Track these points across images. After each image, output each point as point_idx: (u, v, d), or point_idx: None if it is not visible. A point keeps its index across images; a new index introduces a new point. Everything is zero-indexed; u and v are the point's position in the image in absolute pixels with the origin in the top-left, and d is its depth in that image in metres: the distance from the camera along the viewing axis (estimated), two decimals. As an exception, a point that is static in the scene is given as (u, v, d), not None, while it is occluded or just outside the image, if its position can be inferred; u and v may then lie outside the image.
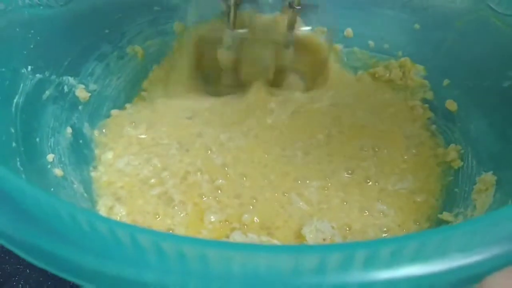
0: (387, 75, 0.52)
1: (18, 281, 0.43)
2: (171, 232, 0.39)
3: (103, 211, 0.40)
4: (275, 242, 0.38)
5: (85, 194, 0.40)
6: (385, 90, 0.51)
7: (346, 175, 0.43)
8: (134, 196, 0.41)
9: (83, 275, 0.21)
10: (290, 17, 0.47)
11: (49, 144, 0.40)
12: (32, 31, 0.39)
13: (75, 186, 0.39)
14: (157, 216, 0.40)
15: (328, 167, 0.44)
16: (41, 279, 0.43)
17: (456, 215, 0.39)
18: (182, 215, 0.40)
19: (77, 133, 0.43)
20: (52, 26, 0.41)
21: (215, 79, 0.52)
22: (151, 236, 0.22)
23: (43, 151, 0.38)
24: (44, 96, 0.40)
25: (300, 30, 0.50)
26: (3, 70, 0.36)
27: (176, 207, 0.40)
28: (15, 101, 0.37)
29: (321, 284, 0.21)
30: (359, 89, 0.52)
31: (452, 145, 0.45)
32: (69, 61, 0.43)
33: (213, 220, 0.39)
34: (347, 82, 0.52)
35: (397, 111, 0.49)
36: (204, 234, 0.38)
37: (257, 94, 0.49)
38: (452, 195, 0.42)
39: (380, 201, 0.42)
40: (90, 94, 0.45)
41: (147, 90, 0.51)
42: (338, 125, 0.47)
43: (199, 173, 0.43)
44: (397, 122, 0.49)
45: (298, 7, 0.45)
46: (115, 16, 0.47)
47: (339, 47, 0.53)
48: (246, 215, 0.40)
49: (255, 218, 0.40)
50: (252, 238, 0.38)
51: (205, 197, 0.41)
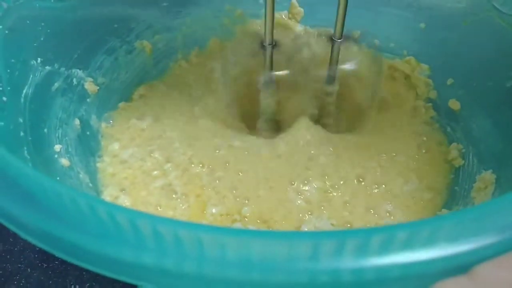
0: (392, 74, 0.52)
1: (19, 280, 0.44)
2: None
3: (108, 200, 0.40)
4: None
5: (90, 184, 0.41)
6: (389, 89, 0.52)
7: (351, 174, 0.44)
8: (137, 187, 0.42)
9: (81, 256, 0.22)
10: (331, 51, 0.44)
11: (57, 135, 0.40)
12: (43, 24, 0.40)
13: (81, 176, 0.40)
14: (159, 208, 0.40)
15: (333, 167, 0.44)
16: (42, 278, 0.44)
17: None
18: (184, 207, 0.40)
19: (85, 125, 0.44)
20: (62, 19, 0.42)
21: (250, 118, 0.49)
22: (148, 220, 0.22)
23: (50, 141, 0.39)
24: (53, 88, 0.41)
25: (344, 65, 0.46)
26: (13, 61, 0.37)
27: (178, 199, 0.41)
28: (24, 91, 0.37)
29: (314, 270, 0.21)
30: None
31: (454, 144, 0.45)
32: (78, 54, 0.44)
33: (214, 212, 0.40)
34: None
35: (401, 109, 0.50)
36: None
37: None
38: (452, 193, 0.42)
39: (386, 200, 0.42)
40: (98, 87, 0.46)
41: (156, 85, 0.52)
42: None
43: (200, 166, 0.43)
44: (401, 120, 0.49)
45: (339, 40, 0.43)
46: (124, 11, 0.48)
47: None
48: (246, 208, 0.40)
49: (255, 212, 0.40)
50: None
51: (205, 188, 0.42)
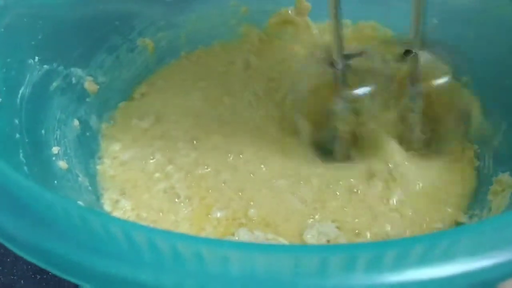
0: None
1: None
2: (175, 227, 0.38)
3: (108, 204, 0.39)
4: (281, 240, 0.37)
5: (89, 188, 0.39)
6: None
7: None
8: (139, 190, 0.40)
9: (74, 272, 0.21)
10: (411, 66, 0.39)
11: (55, 136, 0.39)
12: (41, 22, 0.39)
13: (80, 179, 0.39)
14: (162, 211, 0.39)
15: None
16: None
17: (471, 217, 0.38)
18: (186, 211, 0.39)
19: (84, 126, 0.43)
20: (61, 17, 0.41)
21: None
22: (145, 233, 0.21)
23: (48, 143, 0.38)
24: (51, 88, 0.40)
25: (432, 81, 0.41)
26: (9, 60, 0.36)
27: (181, 203, 0.39)
28: (20, 91, 0.36)
29: (322, 286, 0.20)
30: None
31: (469, 145, 0.44)
32: (78, 53, 0.43)
33: (219, 216, 0.39)
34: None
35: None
36: (209, 231, 0.38)
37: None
38: (468, 196, 0.41)
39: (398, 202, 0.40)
40: (98, 87, 0.45)
41: (157, 83, 0.50)
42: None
43: (205, 167, 0.42)
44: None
45: (419, 51, 0.38)
46: (125, 7, 0.46)
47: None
48: (252, 210, 0.39)
49: (260, 215, 0.39)
50: (258, 236, 0.37)
51: (211, 191, 0.40)
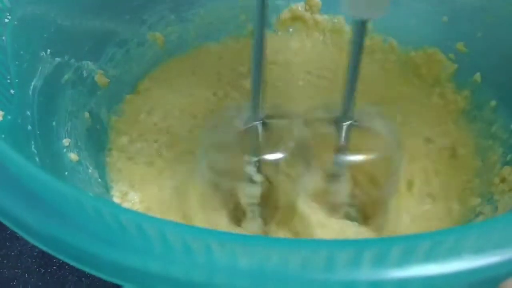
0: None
1: (16, 285, 0.43)
2: (187, 220, 0.38)
3: (117, 196, 0.39)
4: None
5: (99, 180, 0.40)
6: (412, 83, 0.50)
7: None
8: (148, 183, 0.41)
9: (84, 260, 0.21)
10: (337, 137, 0.35)
11: (66, 128, 0.39)
12: (53, 15, 0.39)
13: (90, 171, 0.39)
14: (171, 204, 0.39)
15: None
16: (39, 283, 0.43)
17: (477, 215, 0.38)
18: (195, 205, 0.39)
19: (95, 118, 0.43)
20: (72, 10, 0.41)
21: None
22: (156, 225, 0.21)
23: (59, 135, 0.38)
24: (63, 80, 0.40)
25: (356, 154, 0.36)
26: (21, 53, 0.36)
27: (190, 196, 0.40)
28: (32, 84, 0.36)
29: (329, 281, 0.20)
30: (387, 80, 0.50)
31: (478, 140, 0.44)
32: (89, 46, 0.43)
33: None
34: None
35: (422, 104, 0.48)
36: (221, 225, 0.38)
37: None
38: (475, 194, 0.41)
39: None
40: (109, 80, 0.45)
41: (164, 78, 0.50)
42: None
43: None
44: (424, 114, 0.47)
45: (348, 123, 0.34)
46: (136, 2, 0.47)
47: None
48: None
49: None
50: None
51: None
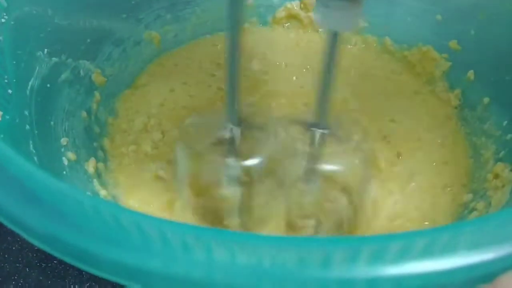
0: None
1: (17, 280, 0.43)
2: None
3: (114, 196, 0.39)
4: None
5: (97, 179, 0.40)
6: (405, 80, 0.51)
7: None
8: (145, 183, 0.41)
9: (84, 259, 0.21)
10: (312, 144, 0.35)
11: (64, 127, 0.39)
12: (50, 15, 0.39)
13: (88, 170, 0.39)
14: (168, 206, 0.40)
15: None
16: (41, 278, 0.43)
17: (471, 211, 0.38)
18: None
19: (92, 117, 0.43)
20: (69, 10, 0.41)
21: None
22: (156, 224, 0.21)
23: (57, 134, 0.38)
24: (60, 80, 0.40)
25: (329, 163, 0.36)
26: (19, 52, 0.36)
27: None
28: (30, 83, 0.36)
29: (326, 279, 0.20)
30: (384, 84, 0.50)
31: (470, 137, 0.44)
32: (86, 45, 0.43)
33: None
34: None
35: (415, 101, 0.49)
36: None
37: None
38: (468, 190, 0.41)
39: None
40: (106, 79, 0.45)
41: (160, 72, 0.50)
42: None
43: None
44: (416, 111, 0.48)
45: (324, 131, 0.34)
46: (132, 1, 0.47)
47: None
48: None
49: None
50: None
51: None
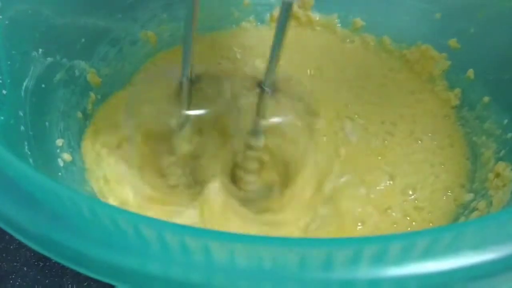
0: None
1: (15, 279, 0.43)
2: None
3: (110, 196, 0.39)
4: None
5: (92, 180, 0.39)
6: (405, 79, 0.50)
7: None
8: (142, 184, 0.40)
9: (81, 262, 0.21)
10: (258, 100, 0.37)
11: (59, 128, 0.39)
12: (44, 14, 0.39)
13: (83, 171, 0.39)
14: (166, 205, 0.39)
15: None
16: (38, 277, 0.43)
17: (472, 211, 0.38)
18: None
19: (87, 118, 0.43)
20: (64, 9, 0.41)
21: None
22: (154, 226, 0.21)
23: (52, 135, 0.38)
24: (55, 80, 0.40)
25: (272, 118, 0.38)
26: (13, 53, 0.35)
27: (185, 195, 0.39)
28: (25, 84, 0.36)
29: (327, 280, 0.20)
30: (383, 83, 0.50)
31: (470, 137, 0.44)
32: (81, 45, 0.43)
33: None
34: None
35: (414, 100, 0.48)
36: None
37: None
38: (469, 190, 0.41)
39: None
40: (101, 79, 0.45)
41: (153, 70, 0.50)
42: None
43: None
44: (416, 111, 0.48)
45: (267, 89, 0.36)
46: (128, 1, 0.46)
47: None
48: None
49: None
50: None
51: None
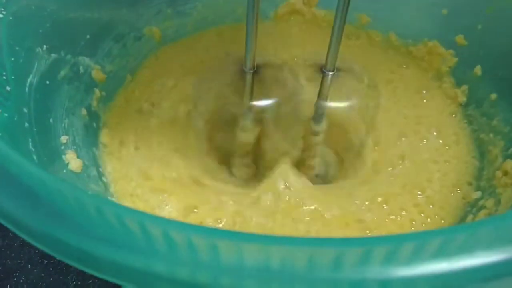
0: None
1: (19, 276, 0.43)
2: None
3: (115, 194, 0.39)
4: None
5: (98, 177, 0.39)
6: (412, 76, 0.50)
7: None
8: (145, 181, 0.40)
9: (85, 261, 0.21)
10: (321, 84, 0.39)
11: (63, 125, 0.39)
12: (48, 10, 0.38)
13: (88, 168, 0.39)
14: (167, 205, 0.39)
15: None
16: (42, 274, 0.43)
17: (480, 209, 0.38)
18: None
19: (92, 115, 0.43)
20: (68, 5, 0.41)
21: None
22: (160, 224, 0.21)
23: (56, 132, 0.38)
24: (59, 77, 0.40)
25: (333, 102, 0.41)
26: (17, 49, 0.35)
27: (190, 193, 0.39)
28: (29, 80, 0.36)
29: (337, 280, 0.20)
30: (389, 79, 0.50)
31: (478, 134, 0.44)
32: (85, 41, 0.43)
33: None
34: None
35: (421, 97, 0.48)
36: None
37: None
38: (477, 188, 0.41)
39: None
40: (106, 76, 0.45)
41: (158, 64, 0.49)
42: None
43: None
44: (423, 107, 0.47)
45: (330, 72, 0.38)
46: (132, -4, 0.46)
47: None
48: None
49: None
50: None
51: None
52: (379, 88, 0.45)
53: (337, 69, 0.39)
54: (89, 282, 0.42)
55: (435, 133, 0.45)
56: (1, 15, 0.34)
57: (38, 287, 0.43)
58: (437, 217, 0.39)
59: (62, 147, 0.38)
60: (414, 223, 0.38)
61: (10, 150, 0.25)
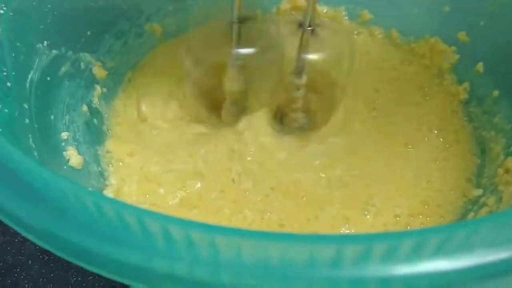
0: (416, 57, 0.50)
1: (19, 272, 0.43)
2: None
3: (115, 190, 0.39)
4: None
5: (98, 173, 0.39)
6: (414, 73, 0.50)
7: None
8: (145, 178, 0.40)
9: (85, 258, 0.21)
10: (300, 39, 0.40)
11: (64, 121, 0.39)
12: (49, 6, 0.38)
13: (88, 165, 0.39)
14: (170, 201, 0.39)
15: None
16: (43, 270, 0.43)
17: (481, 207, 0.38)
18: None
19: (93, 111, 0.43)
20: (69, 1, 0.40)
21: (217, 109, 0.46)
22: (159, 221, 0.21)
23: (57, 128, 0.38)
24: (60, 73, 0.39)
25: (313, 55, 0.42)
26: (18, 45, 0.35)
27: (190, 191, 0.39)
28: (29, 76, 0.36)
29: (336, 277, 0.19)
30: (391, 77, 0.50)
31: (479, 130, 0.44)
32: (86, 37, 0.42)
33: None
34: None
35: (423, 95, 0.48)
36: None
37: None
38: (477, 185, 0.41)
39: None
40: (107, 72, 0.45)
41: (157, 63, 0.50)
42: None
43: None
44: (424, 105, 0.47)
45: (309, 28, 0.40)
46: (133, -8, 0.46)
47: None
48: None
49: None
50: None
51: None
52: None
53: (316, 25, 0.40)
54: (90, 278, 0.42)
55: (436, 131, 0.45)
56: (1, 11, 0.34)
57: (39, 283, 0.43)
58: (437, 215, 0.38)
59: (63, 144, 0.38)
60: (412, 219, 0.38)
61: (11, 146, 0.25)
